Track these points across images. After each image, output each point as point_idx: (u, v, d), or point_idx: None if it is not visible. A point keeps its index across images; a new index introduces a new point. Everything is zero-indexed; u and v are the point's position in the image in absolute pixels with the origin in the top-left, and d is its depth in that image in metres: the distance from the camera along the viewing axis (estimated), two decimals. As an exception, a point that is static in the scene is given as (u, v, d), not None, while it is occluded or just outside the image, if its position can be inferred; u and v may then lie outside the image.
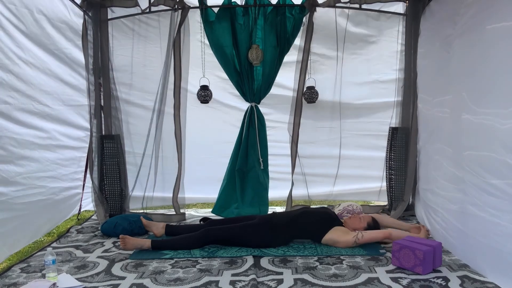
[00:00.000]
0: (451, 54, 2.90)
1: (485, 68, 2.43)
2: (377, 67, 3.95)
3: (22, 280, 2.49)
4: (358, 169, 4.10)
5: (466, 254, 2.63)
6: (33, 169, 3.15)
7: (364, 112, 4.03)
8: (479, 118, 2.46)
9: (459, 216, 2.71)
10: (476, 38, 2.56)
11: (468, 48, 2.69)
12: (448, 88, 2.95)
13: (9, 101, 2.84)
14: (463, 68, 2.72)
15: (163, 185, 3.86)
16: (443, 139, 3.02)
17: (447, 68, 2.96)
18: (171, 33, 3.66)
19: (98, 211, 3.74)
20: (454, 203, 2.79)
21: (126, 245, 2.94)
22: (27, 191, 3.05)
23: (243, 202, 3.77)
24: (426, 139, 3.46)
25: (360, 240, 2.90)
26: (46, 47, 3.26)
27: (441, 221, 3.00)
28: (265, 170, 3.83)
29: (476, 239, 2.51)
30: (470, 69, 2.61)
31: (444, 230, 2.93)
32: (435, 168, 3.16)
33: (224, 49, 3.69)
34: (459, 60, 2.80)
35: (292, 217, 3.07)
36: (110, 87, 3.83)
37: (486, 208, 2.37)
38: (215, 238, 3.01)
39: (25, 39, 2.99)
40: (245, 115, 3.81)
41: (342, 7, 3.75)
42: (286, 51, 3.75)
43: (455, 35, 2.86)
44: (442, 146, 3.03)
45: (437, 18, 3.33)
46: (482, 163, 2.42)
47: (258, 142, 3.76)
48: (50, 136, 3.37)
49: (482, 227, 2.42)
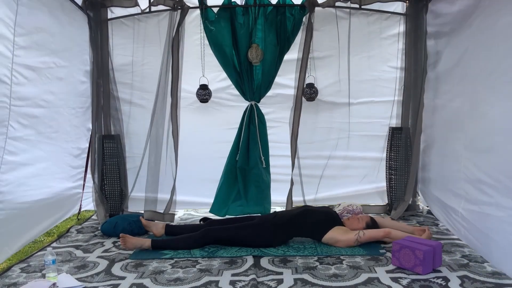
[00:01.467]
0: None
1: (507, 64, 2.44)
2: (377, 67, 3.94)
3: (22, 280, 2.49)
4: (358, 169, 4.09)
5: (487, 253, 2.63)
6: (35, 170, 3.15)
7: (364, 111, 4.02)
8: (499, 119, 2.48)
9: (479, 216, 2.71)
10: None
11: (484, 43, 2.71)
12: (465, 86, 2.96)
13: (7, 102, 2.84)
14: (481, 64, 2.74)
15: (161, 185, 3.84)
16: (461, 139, 3.01)
17: (464, 64, 2.99)
18: (169, 33, 3.66)
19: (99, 211, 3.74)
20: (474, 203, 2.79)
21: (126, 244, 2.94)
22: (29, 192, 3.06)
23: (247, 200, 3.75)
24: (441, 139, 3.43)
25: (361, 238, 2.90)
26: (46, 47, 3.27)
27: (461, 221, 2.99)
28: (267, 169, 3.82)
29: (494, 239, 2.53)
30: (489, 65, 2.63)
31: (466, 230, 2.92)
32: (453, 168, 3.13)
33: (224, 48, 3.69)
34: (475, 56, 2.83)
35: (294, 216, 3.07)
36: (110, 87, 3.83)
37: (505, 210, 2.38)
38: (215, 238, 3.01)
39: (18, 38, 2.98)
40: (245, 113, 3.80)
41: (342, 7, 3.75)
42: (286, 49, 3.74)
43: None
44: (460, 147, 3.02)
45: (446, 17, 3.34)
46: (500, 164, 2.44)
47: (259, 140, 3.76)
48: (51, 137, 3.37)
49: (501, 228, 2.43)
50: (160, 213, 3.75)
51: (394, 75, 3.92)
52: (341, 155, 4.05)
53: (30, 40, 2.99)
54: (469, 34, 2.95)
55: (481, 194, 2.68)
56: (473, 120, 2.85)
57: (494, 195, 2.54)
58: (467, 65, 2.98)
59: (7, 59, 2.75)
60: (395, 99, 3.92)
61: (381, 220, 3.18)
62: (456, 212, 3.07)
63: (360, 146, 4.06)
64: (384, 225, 3.09)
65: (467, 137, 2.93)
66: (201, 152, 4.04)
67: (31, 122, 3.07)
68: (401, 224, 3.24)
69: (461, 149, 3.00)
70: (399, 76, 3.89)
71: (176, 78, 3.70)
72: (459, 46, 3.12)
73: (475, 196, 2.77)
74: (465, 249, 2.86)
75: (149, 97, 3.85)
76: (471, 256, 2.73)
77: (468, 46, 2.97)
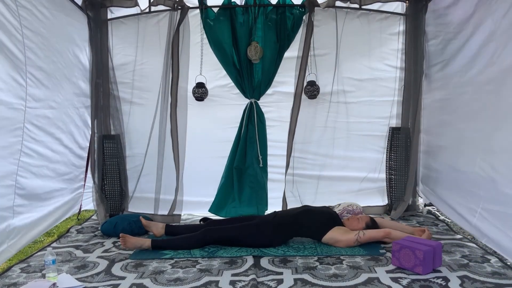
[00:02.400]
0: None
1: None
2: (377, 66, 3.93)
3: (22, 280, 2.49)
4: (358, 169, 4.09)
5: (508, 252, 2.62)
6: (37, 170, 3.17)
7: (364, 111, 4.02)
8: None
9: (497, 215, 2.70)
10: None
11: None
12: (478, 85, 2.96)
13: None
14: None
15: (164, 185, 3.84)
16: (476, 139, 2.99)
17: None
18: (170, 32, 3.66)
19: (99, 211, 3.74)
20: (491, 203, 2.78)
21: (126, 243, 2.94)
22: (31, 193, 3.07)
23: (241, 201, 3.75)
24: (453, 139, 3.40)
25: (361, 239, 2.89)
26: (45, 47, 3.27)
27: (476, 221, 2.96)
28: (264, 168, 3.82)
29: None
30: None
31: (484, 230, 2.89)
32: (468, 168, 3.10)
33: (224, 46, 3.69)
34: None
35: (294, 217, 3.07)
36: (110, 87, 3.83)
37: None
38: (216, 239, 3.01)
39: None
40: (244, 112, 3.80)
41: (342, 7, 3.75)
42: (286, 47, 3.74)
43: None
44: (476, 146, 3.00)
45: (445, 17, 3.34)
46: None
47: (257, 139, 3.75)
48: (51, 136, 3.37)
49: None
50: (164, 216, 3.76)
51: (394, 75, 3.92)
52: (341, 154, 4.04)
53: (37, 40, 3.02)
54: (473, 32, 2.95)
55: (499, 194, 2.66)
56: (489, 119, 2.81)
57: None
58: (475, 63, 2.97)
59: (20, 61, 2.82)
60: (395, 99, 3.91)
61: (381, 220, 3.18)
62: (474, 212, 3.02)
63: (360, 146, 4.05)
64: (383, 226, 3.09)
65: (483, 136, 2.89)
66: (202, 152, 4.03)
67: (43, 124, 3.13)
68: (400, 224, 3.24)
69: (477, 149, 2.97)
70: (398, 76, 3.89)
71: (176, 77, 3.70)
72: (467, 44, 3.10)
73: (493, 195, 2.74)
74: (465, 249, 2.87)
75: (149, 97, 3.86)
76: (471, 256, 2.73)
77: (475, 44, 2.97)
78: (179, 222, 3.71)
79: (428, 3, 3.62)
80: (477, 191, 2.96)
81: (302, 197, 3.94)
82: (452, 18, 3.32)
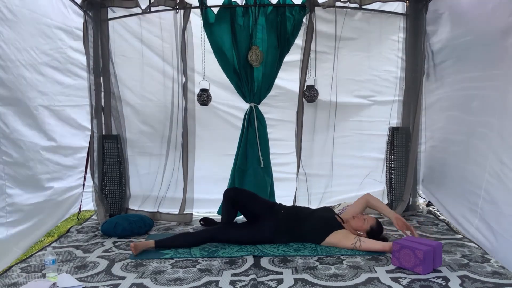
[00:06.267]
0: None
1: None
2: (377, 66, 3.93)
3: (22, 280, 2.49)
4: (358, 169, 4.09)
5: (506, 255, 2.60)
6: (38, 171, 3.18)
7: (364, 111, 4.02)
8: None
9: (496, 216, 2.70)
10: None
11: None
12: (483, 82, 2.94)
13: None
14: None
15: (174, 185, 3.88)
16: (479, 139, 2.98)
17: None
18: (176, 36, 3.70)
19: (99, 211, 3.74)
20: (491, 203, 2.77)
21: (136, 251, 2.89)
22: (33, 193, 3.08)
23: None
24: (458, 138, 3.37)
25: (358, 249, 2.86)
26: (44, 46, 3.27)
27: (478, 222, 2.95)
28: (266, 169, 3.82)
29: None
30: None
31: (484, 230, 2.88)
32: (475, 169, 3.07)
33: (224, 50, 3.68)
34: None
35: (296, 221, 3.07)
36: (111, 87, 3.83)
37: None
38: (218, 237, 3.04)
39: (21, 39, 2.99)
40: (245, 116, 3.81)
41: (342, 7, 3.74)
42: (286, 51, 3.74)
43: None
44: (482, 146, 2.98)
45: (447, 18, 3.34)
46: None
47: (258, 141, 3.76)
48: (51, 137, 3.37)
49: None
50: (175, 215, 3.78)
51: (394, 75, 3.92)
52: (340, 154, 4.04)
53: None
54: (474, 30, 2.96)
55: (504, 194, 2.65)
56: (494, 118, 2.79)
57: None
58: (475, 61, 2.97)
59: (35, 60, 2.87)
60: (395, 99, 3.91)
61: (372, 198, 3.19)
62: (475, 212, 3.00)
63: (360, 146, 4.06)
64: (370, 202, 3.15)
65: (487, 136, 2.87)
66: (206, 152, 4.04)
67: (32, 122, 3.10)
68: (385, 206, 3.19)
69: (480, 148, 2.95)
70: (399, 76, 3.89)
71: (186, 81, 3.73)
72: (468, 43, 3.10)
73: (496, 196, 2.73)
74: (465, 249, 2.86)
75: (149, 97, 3.86)
76: (471, 256, 2.73)
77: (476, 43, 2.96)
78: (190, 221, 3.72)
79: (429, 3, 3.62)
80: (478, 191, 2.95)
81: (304, 196, 3.95)
82: (453, 18, 3.32)
